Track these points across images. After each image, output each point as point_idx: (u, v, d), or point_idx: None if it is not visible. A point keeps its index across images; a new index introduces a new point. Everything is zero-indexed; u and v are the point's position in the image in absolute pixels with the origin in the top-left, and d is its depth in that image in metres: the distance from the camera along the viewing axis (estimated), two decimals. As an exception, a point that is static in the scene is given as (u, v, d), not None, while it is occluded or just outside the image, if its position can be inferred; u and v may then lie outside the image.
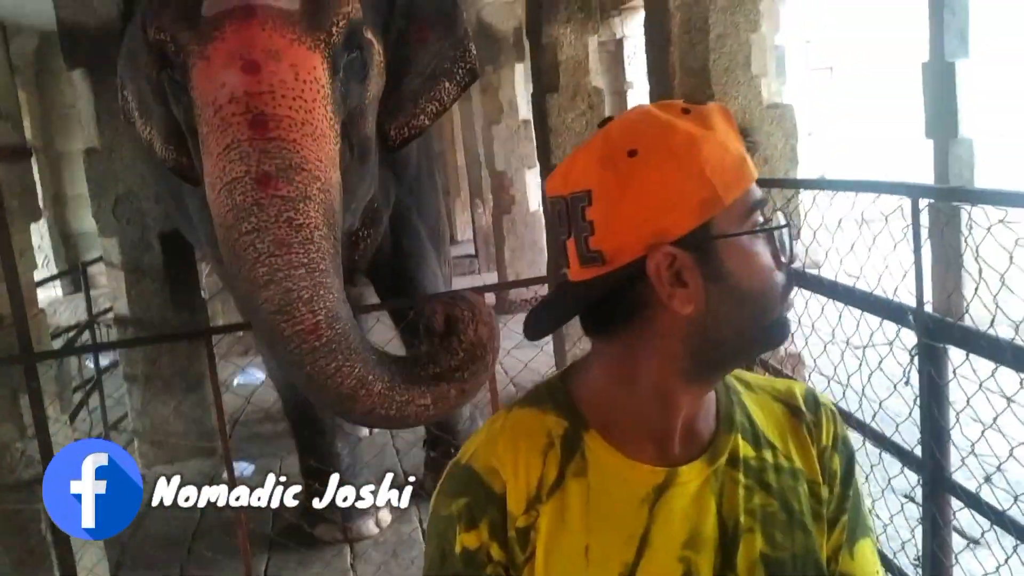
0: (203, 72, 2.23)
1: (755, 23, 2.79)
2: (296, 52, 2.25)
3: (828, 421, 0.93)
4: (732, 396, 0.93)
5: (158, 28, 2.28)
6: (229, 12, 2.20)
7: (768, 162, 2.86)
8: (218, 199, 2.18)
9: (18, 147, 2.72)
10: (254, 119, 2.17)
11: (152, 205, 4.70)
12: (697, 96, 2.80)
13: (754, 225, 0.82)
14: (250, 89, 2.18)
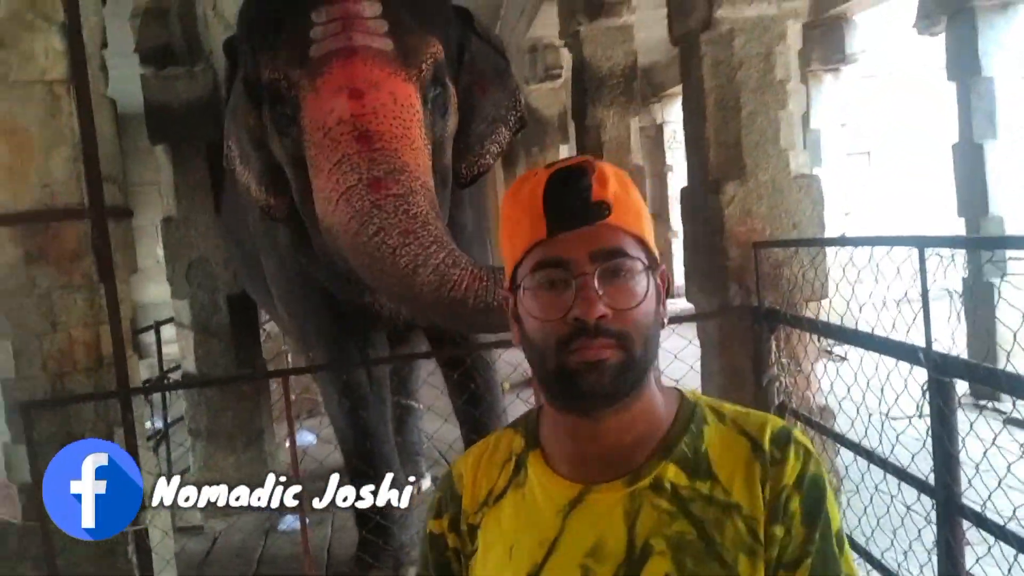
0: (313, 102, 2.61)
1: (783, 101, 3.06)
2: (393, 82, 2.62)
3: (796, 460, 0.92)
4: (690, 426, 0.96)
5: (272, 69, 2.66)
6: (335, 52, 2.60)
7: (797, 227, 3.10)
8: (337, 210, 2.50)
9: (122, 207, 3.06)
10: (360, 135, 2.52)
11: (222, 270, 5.05)
12: (730, 168, 3.08)
13: (537, 281, 0.92)
14: (355, 111, 2.55)
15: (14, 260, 2.79)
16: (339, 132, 2.54)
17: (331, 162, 2.54)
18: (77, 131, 2.80)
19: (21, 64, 2.74)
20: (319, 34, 2.63)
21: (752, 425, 0.95)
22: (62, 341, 2.85)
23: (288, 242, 3.41)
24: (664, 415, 0.97)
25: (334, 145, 2.54)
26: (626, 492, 0.94)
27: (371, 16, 2.66)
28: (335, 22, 2.63)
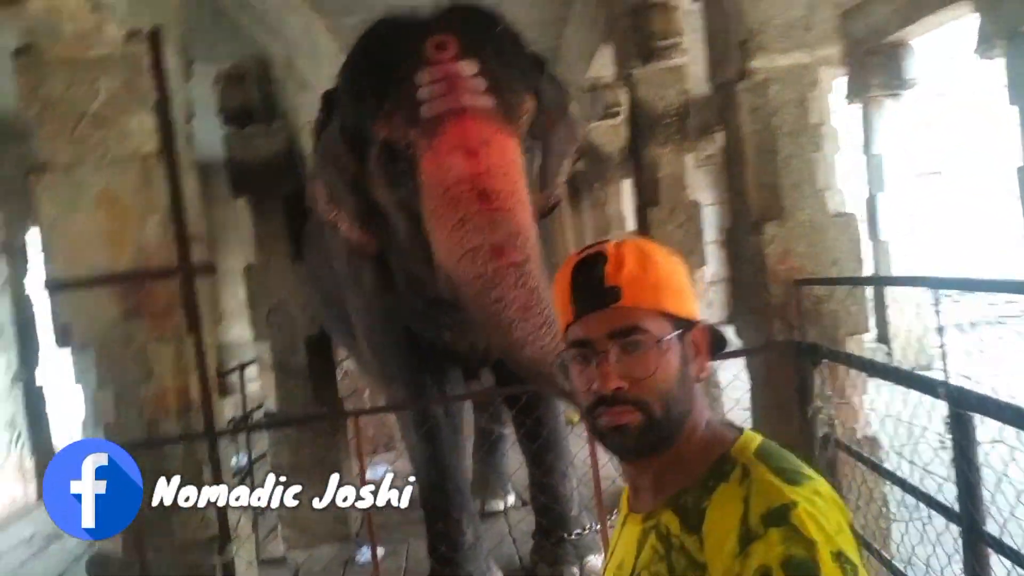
0: (431, 160, 2.83)
1: (817, 144, 3.20)
2: (500, 139, 2.85)
3: (778, 542, 0.95)
4: (708, 481, 1.05)
5: (389, 130, 2.91)
6: (446, 112, 2.82)
7: (836, 264, 3.22)
8: (460, 265, 2.75)
9: (207, 263, 3.37)
10: (479, 194, 2.74)
11: (300, 313, 5.36)
12: (770, 209, 3.22)
13: (572, 356, 1.11)
14: (472, 170, 2.77)
15: (115, 316, 3.11)
16: (459, 191, 2.77)
17: (453, 220, 2.77)
18: (167, 199, 3.11)
19: (119, 141, 3.07)
20: (427, 94, 2.86)
21: (761, 495, 1.00)
22: (156, 388, 3.14)
23: (373, 283, 3.67)
24: (700, 462, 1.08)
25: (455, 204, 2.77)
26: (642, 525, 1.11)
27: (471, 75, 2.88)
28: (440, 82, 2.86)
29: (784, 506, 0.97)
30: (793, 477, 1.01)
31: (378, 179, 3.12)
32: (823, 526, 0.95)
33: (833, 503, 1.00)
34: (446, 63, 2.88)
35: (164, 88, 3.08)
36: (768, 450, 1.07)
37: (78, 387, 3.24)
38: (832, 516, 0.98)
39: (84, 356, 3.16)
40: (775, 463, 1.03)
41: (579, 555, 4.31)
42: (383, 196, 3.16)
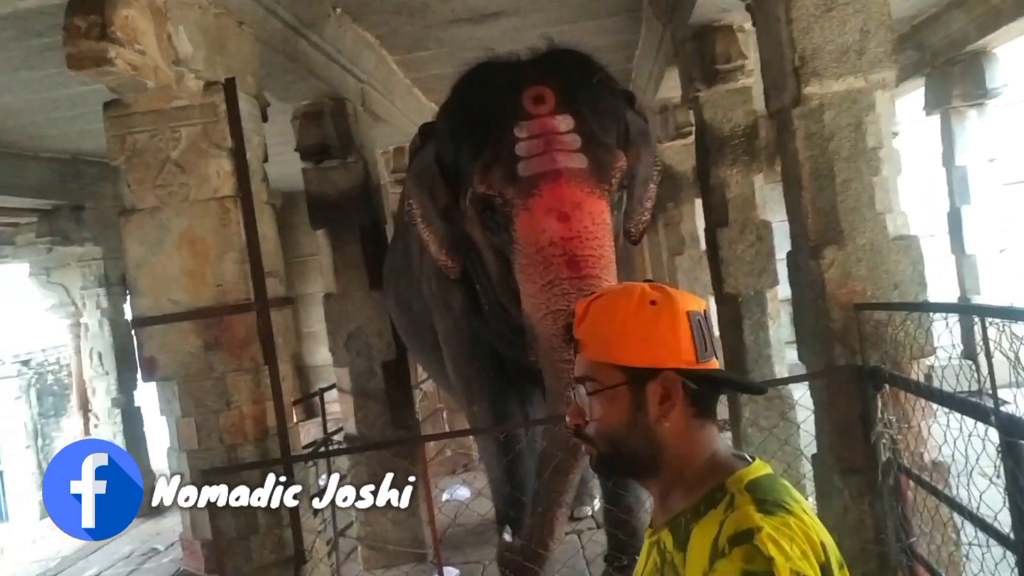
0: (526, 220, 3.03)
1: (876, 168, 3.19)
2: (591, 202, 3.03)
3: (738, 560, 1.08)
4: (700, 506, 1.20)
5: (488, 185, 3.09)
6: (543, 175, 3.00)
7: (898, 287, 3.19)
8: (543, 323, 2.97)
9: (283, 297, 3.55)
10: (570, 260, 2.93)
11: (377, 339, 5.54)
12: (828, 234, 3.22)
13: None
14: (564, 235, 2.95)
15: (196, 349, 3.30)
16: (551, 253, 2.96)
17: (544, 280, 2.97)
18: (243, 237, 3.30)
19: (198, 185, 3.28)
20: (524, 151, 3.04)
21: (734, 521, 1.13)
22: (235, 416, 3.33)
23: (462, 306, 3.89)
24: (698, 488, 1.22)
25: (547, 265, 2.97)
26: (649, 540, 1.29)
27: (566, 131, 3.04)
28: (537, 139, 3.03)
29: (750, 529, 1.10)
30: (768, 508, 1.13)
31: (471, 218, 3.32)
32: (783, 548, 1.08)
33: (802, 535, 1.11)
34: (543, 118, 3.06)
35: (239, 134, 3.28)
36: (760, 483, 1.19)
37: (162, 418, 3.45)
38: (798, 544, 1.09)
39: (168, 387, 3.36)
40: (759, 495, 1.16)
41: (645, 582, 4.33)
42: (475, 233, 3.35)
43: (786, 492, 1.18)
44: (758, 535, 1.09)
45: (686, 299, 1.24)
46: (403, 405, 5.77)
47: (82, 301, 8.10)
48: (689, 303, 1.23)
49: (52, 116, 6.01)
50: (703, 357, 1.22)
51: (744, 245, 5.39)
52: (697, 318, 1.22)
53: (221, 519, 3.29)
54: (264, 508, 3.34)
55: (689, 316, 1.22)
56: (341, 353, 5.60)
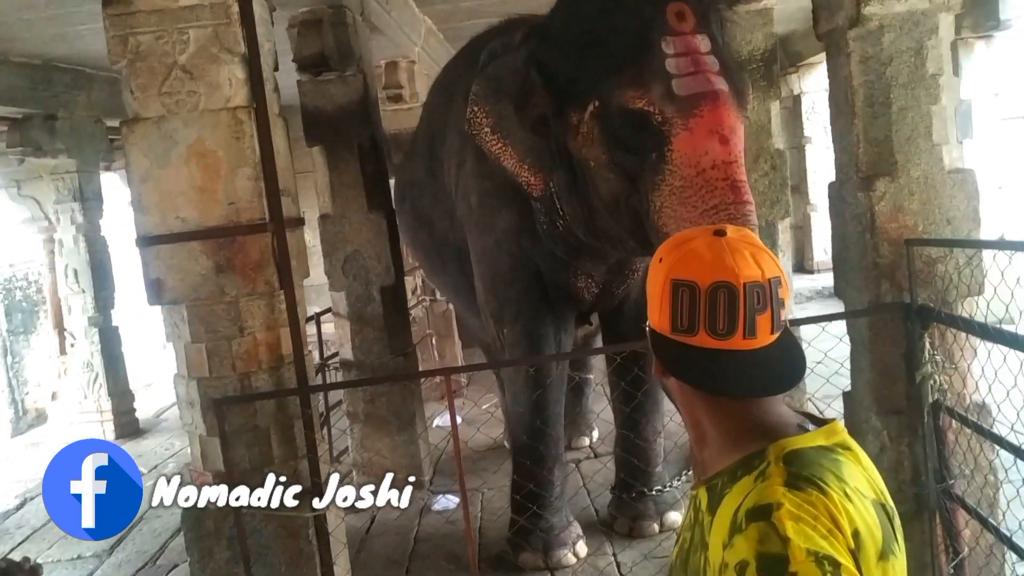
0: (687, 140, 2.89)
1: (935, 96, 3.01)
2: (740, 128, 2.98)
3: (752, 537, 1.02)
4: (737, 471, 1.14)
5: (646, 102, 2.94)
6: (703, 95, 2.89)
7: (951, 223, 3.06)
8: None
9: (296, 218, 3.33)
10: (732, 184, 2.86)
11: (375, 263, 5.33)
12: (881, 165, 3.06)
13: None
14: (727, 159, 2.88)
15: (207, 271, 3.09)
16: (713, 176, 2.86)
17: (707, 204, 2.86)
18: (258, 152, 3.05)
19: (209, 93, 3.02)
20: (675, 68, 2.90)
21: (758, 493, 1.07)
22: (248, 343, 3.13)
23: (511, 225, 3.82)
24: (735, 451, 1.15)
25: (710, 188, 2.86)
26: (691, 493, 1.25)
27: (706, 52, 2.94)
28: (686, 57, 2.91)
29: (769, 505, 1.03)
30: (797, 483, 1.06)
31: (588, 134, 3.13)
32: (803, 528, 1.00)
33: (828, 516, 1.03)
34: (687, 36, 2.93)
35: (254, 38, 3.01)
36: (802, 455, 1.10)
37: (169, 344, 3.25)
38: (822, 524, 1.02)
39: (176, 311, 3.16)
40: (794, 468, 1.08)
41: (659, 511, 4.34)
42: (590, 150, 3.17)
43: (830, 470, 1.08)
44: (776, 512, 1.02)
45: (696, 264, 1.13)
46: (400, 331, 5.61)
47: (56, 216, 7.73)
48: (690, 268, 1.13)
49: (25, 17, 5.60)
50: (678, 329, 1.14)
51: (758, 174, 5.24)
52: (682, 287, 1.13)
53: (234, 449, 3.13)
54: (279, 438, 3.20)
55: (672, 283, 1.14)
56: (337, 276, 5.40)
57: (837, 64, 3.18)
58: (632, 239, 3.26)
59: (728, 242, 1.13)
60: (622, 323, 4.24)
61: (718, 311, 1.11)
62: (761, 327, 1.12)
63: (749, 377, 1.13)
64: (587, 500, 4.87)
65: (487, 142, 3.45)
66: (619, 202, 3.16)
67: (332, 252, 5.38)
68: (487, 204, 3.94)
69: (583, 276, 3.88)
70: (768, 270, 1.12)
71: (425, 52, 7.49)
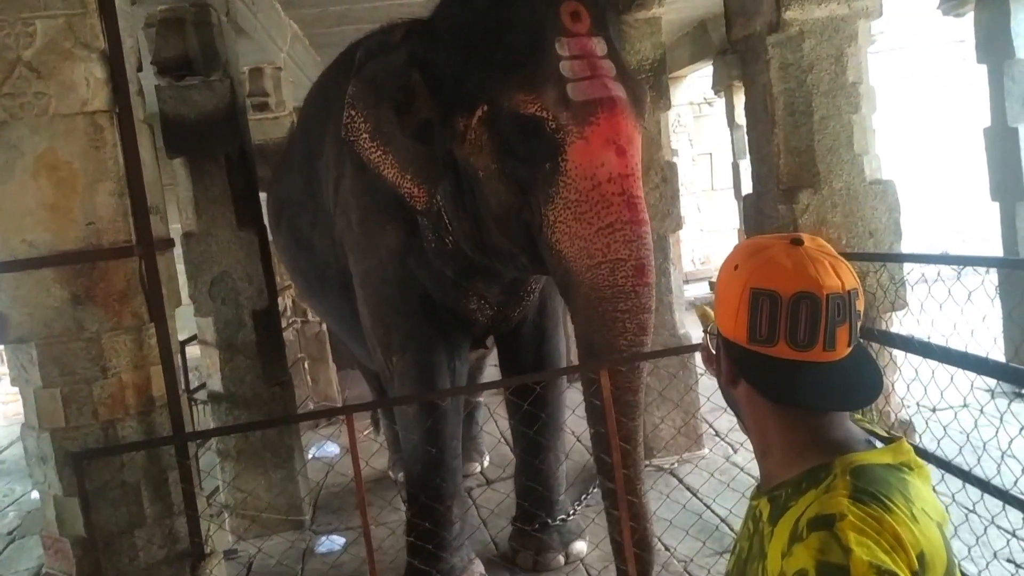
0: (582, 150, 2.69)
1: (855, 105, 2.93)
2: (637, 138, 2.78)
3: (813, 547, 1.01)
4: (802, 483, 1.11)
5: (540, 106, 2.70)
6: (599, 101, 2.68)
7: (873, 235, 2.97)
8: (599, 271, 2.70)
9: (165, 239, 2.91)
10: (629, 200, 2.68)
11: (246, 285, 4.88)
12: (803, 176, 2.95)
13: None
14: (623, 171, 2.68)
15: (61, 303, 2.63)
16: (610, 191, 2.68)
17: (602, 221, 2.68)
18: (122, 163, 2.63)
19: (61, 95, 2.57)
20: (569, 72, 2.70)
21: (821, 503, 1.05)
22: (113, 386, 2.69)
23: (396, 243, 3.49)
24: (799, 462, 1.13)
25: (605, 204, 2.68)
26: (751, 503, 1.22)
27: (602, 56, 2.75)
28: (581, 60, 2.71)
29: (832, 515, 1.02)
30: (861, 497, 1.04)
31: (477, 141, 2.88)
32: (866, 541, 0.99)
33: (892, 535, 1.01)
34: (583, 37, 2.74)
35: (115, 31, 2.58)
36: (869, 471, 1.08)
37: (16, 388, 2.76)
38: (886, 540, 1.00)
39: (23, 350, 2.67)
40: (861, 482, 1.06)
41: (564, 541, 4.14)
42: (478, 159, 2.90)
43: (898, 488, 1.06)
44: (839, 523, 1.01)
45: (778, 273, 1.11)
46: (275, 358, 5.17)
47: None
48: (771, 277, 1.11)
49: None
50: (756, 339, 1.12)
51: (649, 187, 5.09)
52: (763, 296, 1.11)
53: (98, 511, 2.67)
54: (152, 494, 2.77)
55: (751, 292, 1.12)
56: (204, 300, 4.91)
57: (755, 71, 3.05)
58: (524, 255, 3.04)
59: (807, 251, 1.11)
60: (521, 346, 3.99)
61: (800, 322, 1.09)
62: (840, 339, 1.10)
63: (828, 390, 1.12)
64: (485, 534, 4.59)
65: (366, 150, 3.13)
66: (510, 215, 2.93)
67: (197, 274, 4.89)
68: (369, 222, 3.61)
69: (476, 297, 3.61)
70: (847, 282, 1.10)
71: (291, 59, 7.06)
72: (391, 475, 5.53)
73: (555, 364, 4.02)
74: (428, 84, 2.97)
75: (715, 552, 3.69)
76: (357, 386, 7.43)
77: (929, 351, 2.58)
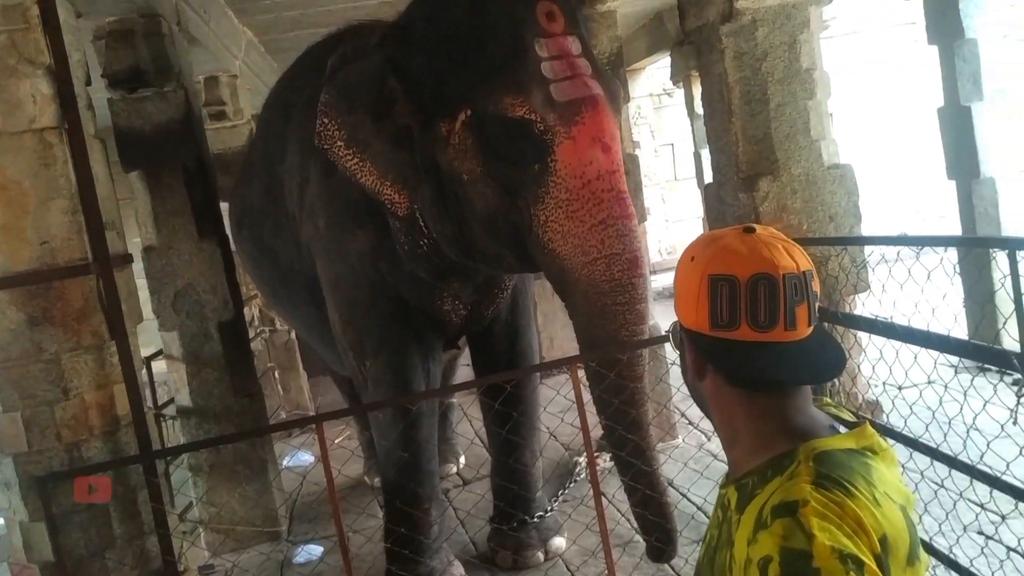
0: (570, 150, 2.70)
1: (811, 91, 2.95)
2: (618, 134, 2.82)
3: (777, 533, 1.03)
4: (767, 471, 1.14)
5: (528, 108, 2.71)
6: (582, 100, 2.70)
7: (834, 220, 2.99)
8: (596, 267, 2.74)
9: (123, 254, 2.86)
10: (616, 196, 2.71)
11: (211, 296, 4.82)
12: (762, 163, 2.96)
13: None
14: (610, 168, 2.72)
15: (16, 325, 2.57)
16: (599, 188, 2.70)
17: (595, 218, 2.71)
18: (74, 180, 2.58)
19: (7, 113, 2.51)
20: (551, 72, 2.71)
21: (784, 491, 1.07)
22: (75, 407, 2.64)
23: (366, 247, 3.47)
24: (765, 451, 1.15)
25: (596, 202, 2.70)
26: (720, 491, 1.24)
27: (578, 55, 2.77)
28: (560, 60, 2.73)
29: (795, 501, 1.04)
30: (823, 483, 1.06)
31: (465, 147, 2.88)
32: (828, 526, 1.01)
33: (854, 519, 1.03)
34: (559, 37, 2.76)
35: (60, 46, 2.53)
36: (832, 456, 1.10)
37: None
38: (848, 524, 1.02)
39: (-20, 375, 2.62)
40: (824, 468, 1.08)
41: (543, 538, 4.13)
42: (463, 164, 2.89)
43: (860, 473, 1.08)
44: (802, 509, 1.03)
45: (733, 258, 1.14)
46: (243, 369, 5.09)
47: None
48: (727, 263, 1.14)
49: None
50: (718, 324, 1.14)
51: (610, 180, 5.13)
52: (721, 281, 1.13)
53: (66, 534, 2.62)
54: (121, 514, 2.72)
55: (709, 279, 1.14)
56: (168, 315, 4.84)
57: (710, 61, 3.07)
58: (512, 256, 3.04)
59: (760, 237, 1.14)
60: (494, 344, 3.98)
61: (759, 303, 1.12)
62: (800, 318, 1.13)
63: (793, 367, 1.14)
64: (464, 535, 4.57)
65: (341, 158, 3.09)
66: (496, 217, 2.93)
67: (160, 288, 4.82)
68: (337, 226, 3.58)
69: (450, 298, 3.60)
70: (801, 263, 1.13)
71: (247, 66, 6.99)
72: (367, 480, 5.49)
73: (529, 361, 4.02)
74: (405, 89, 2.95)
75: (691, 541, 3.70)
76: (329, 392, 7.37)
77: (893, 331, 2.60)
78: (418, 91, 2.93)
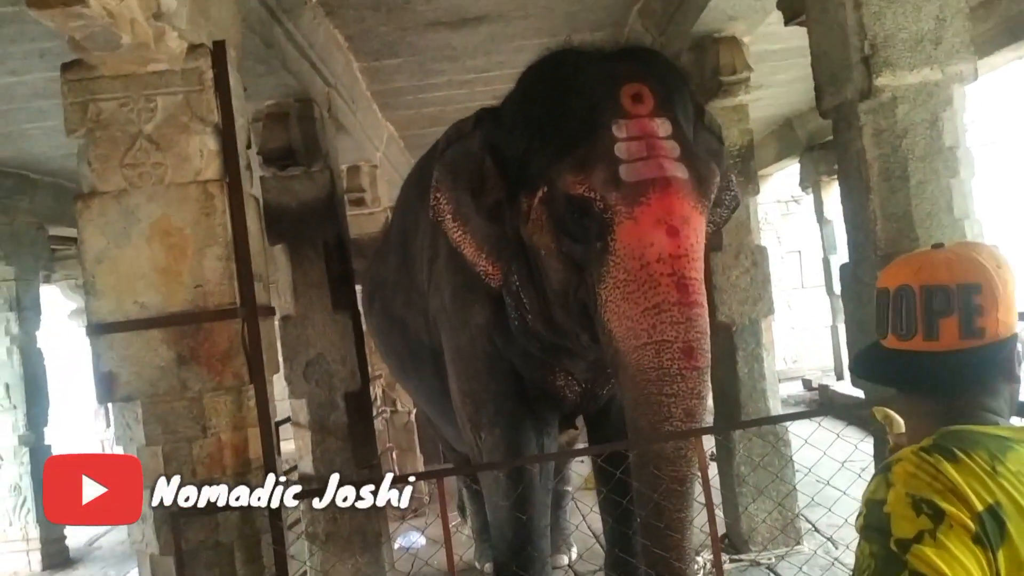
0: (631, 230, 2.70)
1: (953, 169, 2.88)
2: (696, 219, 2.75)
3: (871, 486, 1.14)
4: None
5: (588, 186, 2.74)
6: (652, 181, 2.70)
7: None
8: (644, 352, 2.66)
9: (267, 306, 3.01)
10: (679, 282, 2.64)
11: (340, 367, 4.98)
12: (901, 242, 2.88)
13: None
14: (673, 252, 2.65)
15: (167, 362, 2.72)
16: (658, 271, 2.65)
17: (649, 302, 2.65)
18: (230, 230, 2.76)
19: (177, 166, 2.73)
20: (625, 153, 2.73)
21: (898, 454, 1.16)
22: (212, 446, 2.75)
23: (484, 321, 3.52)
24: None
25: (653, 285, 2.65)
26: None
27: (665, 136, 2.77)
28: (639, 141, 2.74)
29: (891, 462, 1.12)
30: (929, 450, 1.11)
31: (538, 221, 2.96)
32: (912, 479, 1.07)
33: (951, 482, 1.05)
34: (643, 119, 2.78)
35: (228, 107, 2.76)
36: (957, 432, 1.14)
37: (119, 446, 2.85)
38: (941, 482, 1.05)
39: (130, 409, 2.77)
40: (941, 440, 1.12)
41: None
42: (540, 238, 2.98)
43: (988, 447, 1.10)
44: (896, 465, 1.10)
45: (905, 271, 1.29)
46: (365, 441, 5.22)
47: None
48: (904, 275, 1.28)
49: (-35, 114, 5.31)
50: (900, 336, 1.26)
51: (739, 271, 5.10)
52: (890, 292, 1.27)
53: (192, 570, 2.70)
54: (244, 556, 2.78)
55: (882, 292, 1.31)
56: (299, 382, 5.02)
57: (847, 139, 3.04)
58: (584, 333, 3.03)
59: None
60: (611, 426, 3.92)
61: (901, 313, 1.24)
62: (946, 330, 1.19)
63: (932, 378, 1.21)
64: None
65: (449, 230, 3.25)
66: (568, 293, 2.97)
67: (293, 356, 5.02)
68: (460, 299, 3.67)
69: (562, 374, 3.59)
70: (958, 276, 1.20)
71: (386, 158, 7.36)
72: (477, 566, 5.43)
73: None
74: (498, 166, 3.08)
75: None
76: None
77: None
78: (508, 168, 3.06)
